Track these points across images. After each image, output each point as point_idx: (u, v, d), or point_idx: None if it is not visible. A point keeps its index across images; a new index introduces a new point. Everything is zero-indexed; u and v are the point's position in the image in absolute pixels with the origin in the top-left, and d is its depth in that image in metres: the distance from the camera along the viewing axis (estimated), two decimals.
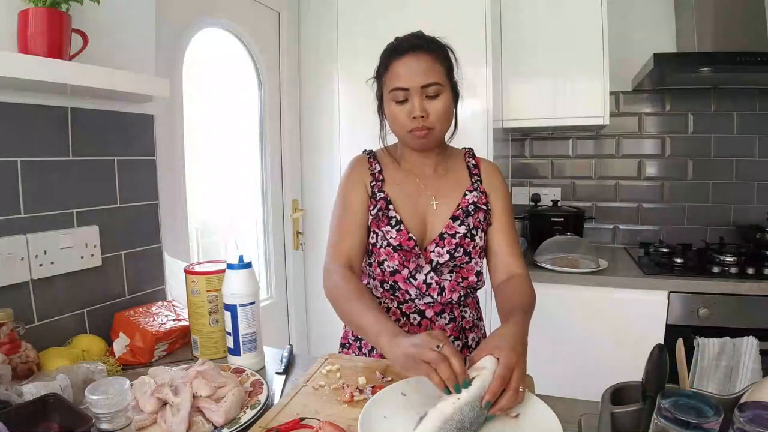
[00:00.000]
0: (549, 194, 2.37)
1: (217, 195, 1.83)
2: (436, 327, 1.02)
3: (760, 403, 0.50)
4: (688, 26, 1.98)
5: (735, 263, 1.76)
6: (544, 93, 2.01)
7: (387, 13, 1.82)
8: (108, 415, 0.60)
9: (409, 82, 0.93)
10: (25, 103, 0.98)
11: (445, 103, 0.95)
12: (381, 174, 1.05)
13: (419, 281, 1.00)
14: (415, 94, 0.93)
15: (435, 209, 1.02)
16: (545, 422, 0.69)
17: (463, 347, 1.05)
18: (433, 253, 1.00)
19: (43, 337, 0.98)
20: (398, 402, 0.73)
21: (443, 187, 1.04)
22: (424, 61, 0.93)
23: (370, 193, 1.03)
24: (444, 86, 0.95)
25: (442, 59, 0.96)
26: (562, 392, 0.81)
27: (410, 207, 1.02)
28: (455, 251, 0.99)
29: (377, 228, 1.00)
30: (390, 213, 1.00)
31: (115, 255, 1.17)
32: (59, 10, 0.94)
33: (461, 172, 1.07)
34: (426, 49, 0.94)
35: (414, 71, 0.93)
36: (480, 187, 1.05)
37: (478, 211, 1.02)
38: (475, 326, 1.08)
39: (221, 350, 1.05)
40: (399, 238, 0.98)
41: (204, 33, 1.68)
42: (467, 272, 1.02)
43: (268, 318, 1.91)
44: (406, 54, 0.94)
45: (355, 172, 1.06)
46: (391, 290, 1.03)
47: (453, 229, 1.00)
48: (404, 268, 1.00)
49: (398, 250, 0.99)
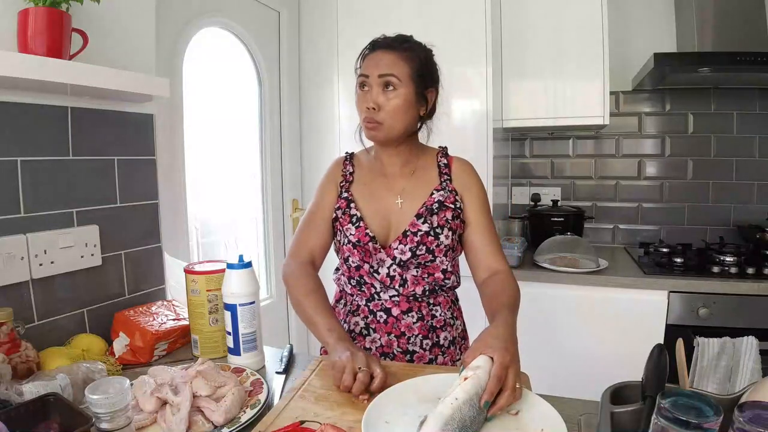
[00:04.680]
0: (549, 194, 2.37)
1: (217, 195, 1.83)
2: (402, 325, 1.03)
3: (760, 403, 0.50)
4: (688, 26, 1.98)
5: (735, 263, 1.76)
6: (544, 93, 2.01)
7: (387, 13, 1.82)
8: (108, 414, 0.60)
9: (369, 70, 0.98)
10: (25, 103, 0.98)
11: (400, 100, 0.97)
12: (352, 175, 1.10)
13: (383, 275, 1.02)
14: (373, 83, 0.98)
15: (400, 207, 1.04)
16: (546, 418, 0.69)
17: (434, 346, 1.05)
18: (396, 251, 1.01)
19: (43, 336, 0.98)
20: (399, 406, 0.73)
21: (410, 185, 1.06)
22: (390, 56, 0.98)
23: (338, 193, 1.07)
24: (402, 83, 0.97)
25: (410, 59, 0.99)
26: (562, 392, 0.81)
27: (374, 205, 1.05)
28: (417, 249, 1.00)
29: (340, 226, 1.05)
30: (351, 211, 1.04)
31: (115, 255, 1.17)
32: (59, 9, 0.94)
33: (431, 172, 1.07)
34: (396, 48, 0.99)
35: (377, 62, 0.98)
36: (449, 186, 1.05)
37: (444, 210, 1.02)
38: (448, 325, 1.07)
39: (221, 350, 1.05)
40: (357, 235, 1.01)
41: (204, 32, 1.68)
42: (433, 269, 1.03)
43: (268, 318, 1.91)
44: (377, 49, 1.00)
45: (330, 172, 1.12)
46: (358, 285, 1.05)
47: (416, 227, 1.01)
48: (365, 263, 1.03)
49: (357, 246, 1.02)
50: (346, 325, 1.07)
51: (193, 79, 1.62)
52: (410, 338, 1.03)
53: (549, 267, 1.87)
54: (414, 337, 1.04)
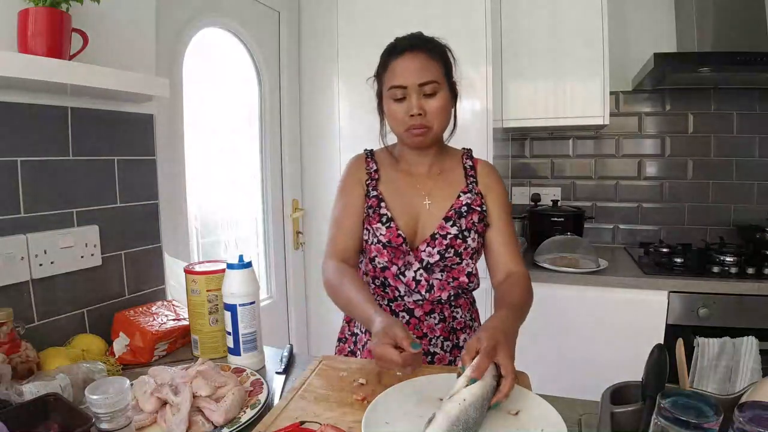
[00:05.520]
0: (549, 194, 2.37)
1: (217, 195, 1.83)
2: (424, 326, 1.02)
3: (760, 403, 0.50)
4: (688, 26, 1.98)
5: (735, 263, 1.76)
6: (544, 93, 2.01)
7: (387, 13, 1.82)
8: (108, 414, 0.60)
9: (406, 80, 0.95)
10: (25, 103, 0.98)
11: (442, 102, 0.96)
12: (377, 173, 1.07)
13: (408, 278, 1.01)
14: (412, 92, 0.95)
15: (428, 209, 1.03)
16: (546, 418, 0.69)
17: (454, 347, 1.05)
18: (423, 253, 1.00)
19: (43, 336, 0.98)
20: (399, 406, 0.73)
21: (437, 187, 1.05)
22: (421, 59, 0.95)
23: (365, 191, 1.05)
24: (441, 84, 0.96)
25: (440, 58, 0.98)
26: (562, 392, 0.81)
27: (402, 205, 1.03)
28: (446, 252, 1.00)
29: (369, 225, 1.02)
30: (381, 210, 1.02)
31: (115, 255, 1.17)
32: (59, 9, 0.94)
33: (457, 173, 1.07)
34: (423, 48, 0.96)
35: (411, 69, 0.95)
36: (475, 189, 1.04)
37: (471, 212, 1.02)
38: (468, 327, 1.07)
39: (221, 350, 1.05)
40: (388, 235, 1.00)
41: (204, 32, 1.68)
42: (458, 273, 1.02)
43: (268, 318, 1.91)
44: (404, 53, 0.96)
45: (352, 170, 1.08)
46: (382, 286, 1.04)
47: (445, 229, 1.00)
48: (393, 264, 1.01)
49: (387, 246, 1.00)
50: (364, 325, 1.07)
51: (193, 79, 1.62)
52: (432, 339, 1.03)
53: (549, 267, 1.87)
54: (435, 339, 1.03)
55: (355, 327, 1.11)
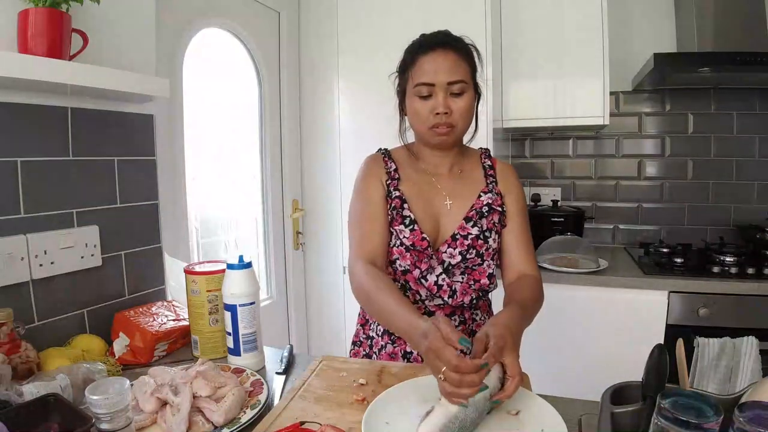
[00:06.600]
0: (549, 194, 2.37)
1: (217, 195, 1.83)
2: None
3: (760, 403, 0.50)
4: (688, 26, 1.98)
5: (735, 263, 1.76)
6: (544, 93, 2.01)
7: (387, 13, 1.82)
8: (108, 415, 0.60)
9: (435, 78, 0.93)
10: (25, 103, 0.98)
11: (468, 102, 0.95)
12: (396, 172, 1.03)
13: (430, 282, 0.99)
14: (440, 90, 0.93)
15: (449, 209, 1.02)
16: (546, 418, 0.69)
17: None
18: (445, 254, 0.99)
19: (43, 337, 0.98)
20: (399, 406, 0.73)
21: (458, 187, 1.04)
22: (451, 58, 0.94)
23: (386, 191, 1.02)
24: (468, 85, 0.95)
25: (468, 58, 0.96)
26: (562, 392, 0.81)
27: (424, 206, 1.01)
28: (467, 252, 0.99)
29: (392, 227, 1.00)
30: (404, 212, 0.99)
31: (115, 255, 1.17)
32: (59, 10, 0.94)
33: (477, 173, 1.06)
34: (453, 46, 0.95)
35: (441, 67, 0.93)
36: (495, 189, 1.04)
37: (492, 212, 1.01)
38: None
39: (221, 350, 1.05)
40: (412, 238, 0.98)
41: (204, 33, 1.67)
42: (479, 274, 1.01)
43: (268, 318, 1.91)
44: (434, 50, 0.94)
45: (371, 169, 1.05)
46: (402, 290, 1.01)
47: (466, 230, 0.99)
48: (416, 268, 0.99)
49: (411, 249, 0.98)
50: (382, 327, 1.05)
51: (193, 79, 1.62)
52: None
53: (549, 267, 1.87)
54: None
55: (370, 330, 1.09)
